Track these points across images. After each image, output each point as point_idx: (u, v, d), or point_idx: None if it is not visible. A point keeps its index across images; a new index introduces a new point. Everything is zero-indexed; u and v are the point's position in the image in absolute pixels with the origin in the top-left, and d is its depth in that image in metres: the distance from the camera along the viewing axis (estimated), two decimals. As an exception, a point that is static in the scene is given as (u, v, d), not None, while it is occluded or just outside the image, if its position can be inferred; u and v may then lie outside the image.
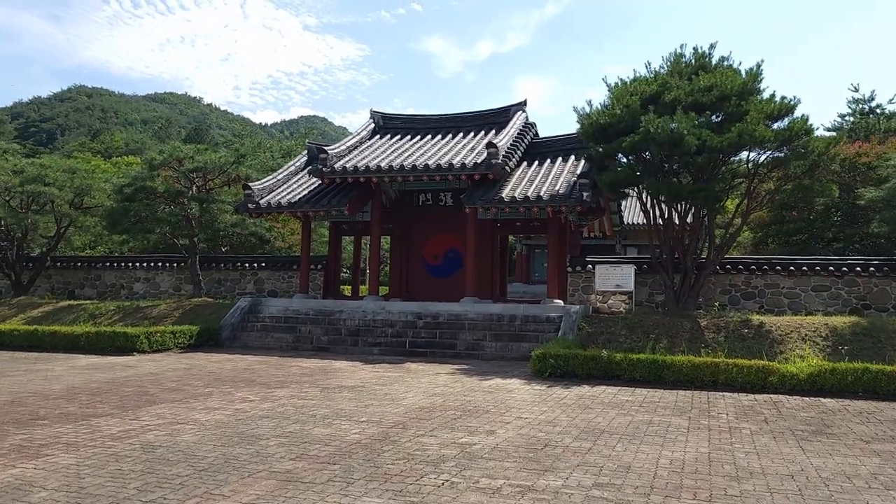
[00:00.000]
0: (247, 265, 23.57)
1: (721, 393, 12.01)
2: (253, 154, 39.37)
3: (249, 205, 20.35)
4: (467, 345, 17.19)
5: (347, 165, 19.56)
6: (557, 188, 18.36)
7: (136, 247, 29.55)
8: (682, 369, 12.72)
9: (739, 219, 18.42)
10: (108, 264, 24.97)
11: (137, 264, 24.65)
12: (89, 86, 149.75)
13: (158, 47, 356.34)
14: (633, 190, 18.78)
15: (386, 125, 23.15)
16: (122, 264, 24.80)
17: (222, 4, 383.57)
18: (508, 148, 19.23)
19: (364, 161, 19.88)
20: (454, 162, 18.84)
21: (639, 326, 16.65)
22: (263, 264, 23.52)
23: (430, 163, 18.98)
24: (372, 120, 23.20)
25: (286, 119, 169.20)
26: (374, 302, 19.45)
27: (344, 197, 19.96)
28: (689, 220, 17.94)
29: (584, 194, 17.58)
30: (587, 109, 17.44)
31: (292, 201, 20.29)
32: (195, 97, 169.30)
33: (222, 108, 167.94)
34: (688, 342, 15.77)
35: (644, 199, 18.09)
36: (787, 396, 11.77)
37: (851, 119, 36.78)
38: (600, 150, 16.97)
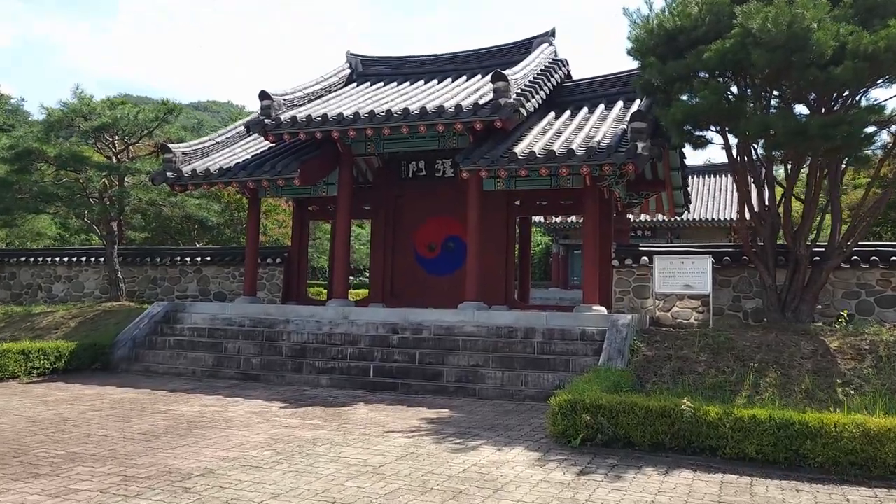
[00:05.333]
0: (188, 259, 17.94)
1: (938, 498, 5.86)
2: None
3: (169, 173, 14.69)
4: (459, 374, 11.26)
5: (299, 116, 13.80)
6: (598, 140, 12.32)
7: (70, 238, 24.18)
8: (841, 441, 6.52)
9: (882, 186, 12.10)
10: (23, 259, 19.67)
11: (57, 259, 19.29)
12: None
13: (202, 57, 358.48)
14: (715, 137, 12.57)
15: (366, 71, 17.26)
16: (40, 260, 19.48)
17: (263, 17, 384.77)
18: (526, 85, 13.22)
19: (322, 110, 14.10)
20: (447, 105, 12.94)
21: (727, 349, 10.58)
22: (209, 258, 17.84)
23: (412, 107, 13.10)
24: (348, 64, 17.29)
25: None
26: (335, 308, 13.63)
27: (294, 161, 14.18)
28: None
29: (640, 145, 11.48)
30: (645, 11, 11.31)
31: (225, 167, 14.58)
32: (238, 105, 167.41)
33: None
34: (812, 376, 9.64)
35: (733, 153, 11.85)
36: None
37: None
38: (667, 70, 10.76)
